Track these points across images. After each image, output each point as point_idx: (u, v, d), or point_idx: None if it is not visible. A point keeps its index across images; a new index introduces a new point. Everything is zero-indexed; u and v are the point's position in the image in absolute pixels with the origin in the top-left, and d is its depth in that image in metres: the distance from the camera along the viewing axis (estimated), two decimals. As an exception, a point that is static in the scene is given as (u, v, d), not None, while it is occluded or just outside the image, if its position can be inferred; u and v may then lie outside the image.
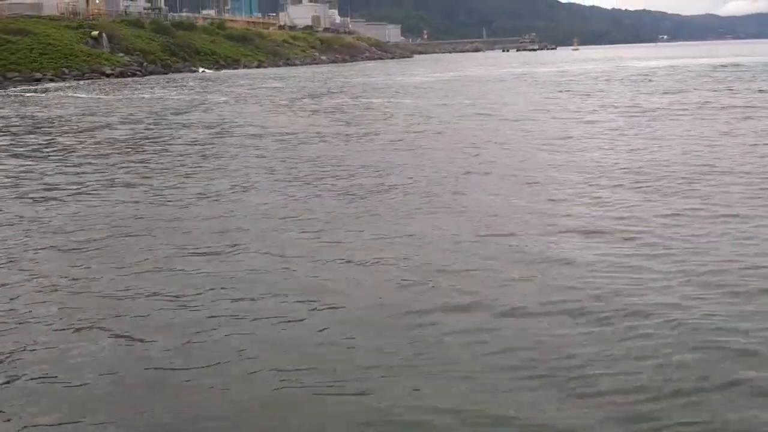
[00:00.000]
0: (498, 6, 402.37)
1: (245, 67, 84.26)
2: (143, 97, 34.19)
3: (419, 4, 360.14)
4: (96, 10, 78.73)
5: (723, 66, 45.80)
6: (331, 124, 19.86)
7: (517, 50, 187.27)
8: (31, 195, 10.49)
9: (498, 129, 17.03)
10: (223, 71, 74.64)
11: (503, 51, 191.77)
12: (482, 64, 79.87)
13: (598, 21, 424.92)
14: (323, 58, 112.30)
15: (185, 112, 24.56)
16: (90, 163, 13.56)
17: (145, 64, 67.46)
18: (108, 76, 58.42)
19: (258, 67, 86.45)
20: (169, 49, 75.41)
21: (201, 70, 73.31)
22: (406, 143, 14.83)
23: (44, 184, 11.49)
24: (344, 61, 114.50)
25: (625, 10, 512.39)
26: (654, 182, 9.83)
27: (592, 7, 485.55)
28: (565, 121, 18.29)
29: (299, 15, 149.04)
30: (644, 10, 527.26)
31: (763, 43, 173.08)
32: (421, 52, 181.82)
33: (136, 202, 9.84)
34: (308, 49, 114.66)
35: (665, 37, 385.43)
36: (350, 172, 11.57)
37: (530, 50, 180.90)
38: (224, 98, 32.21)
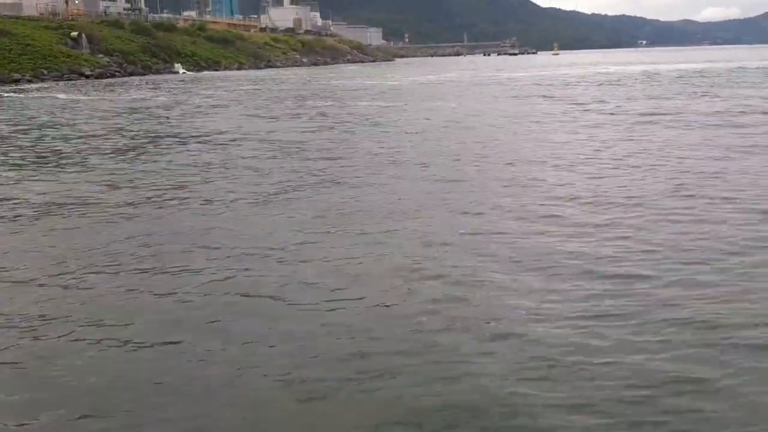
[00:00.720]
0: (479, 11, 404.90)
1: (226, 69, 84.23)
2: (121, 98, 34.22)
3: (401, 7, 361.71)
4: (75, 11, 78.41)
5: (697, 71, 46.73)
6: (306, 129, 20.09)
7: (498, 54, 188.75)
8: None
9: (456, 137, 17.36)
10: (204, 73, 74.58)
11: (484, 55, 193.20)
12: (463, 68, 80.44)
13: (578, 25, 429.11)
14: (304, 60, 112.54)
15: (158, 117, 24.64)
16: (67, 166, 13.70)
17: (125, 65, 67.28)
18: (87, 77, 58.23)
19: (239, 69, 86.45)
20: (150, 50, 75.23)
21: (181, 71, 73.21)
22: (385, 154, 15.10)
23: None
24: (326, 63, 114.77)
25: (605, 15, 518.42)
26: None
27: (573, 11, 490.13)
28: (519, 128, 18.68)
29: (280, 17, 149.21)
30: (624, 16, 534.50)
31: (737, 49, 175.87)
32: (402, 56, 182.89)
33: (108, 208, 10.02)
34: (289, 52, 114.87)
35: (644, 42, 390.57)
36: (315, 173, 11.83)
37: (511, 54, 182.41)
38: (199, 100, 32.36)
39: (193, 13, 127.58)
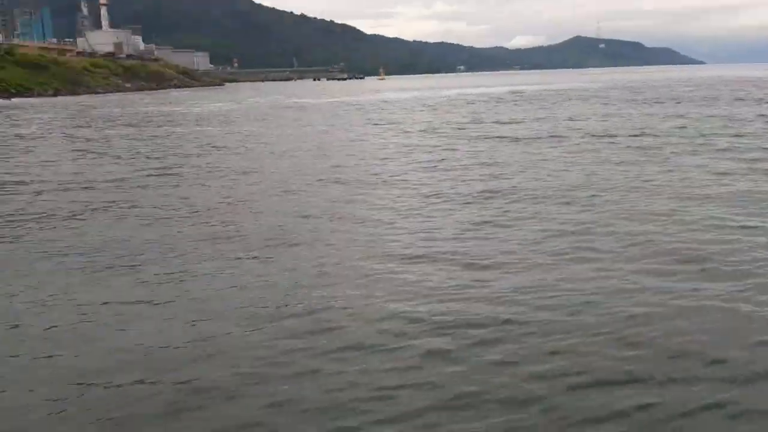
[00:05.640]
0: (308, 36, 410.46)
1: (39, 95, 79.16)
2: None
3: (228, 32, 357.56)
4: None
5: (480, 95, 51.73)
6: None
7: (328, 79, 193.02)
8: None
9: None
10: (15, 99, 69.67)
11: (314, 80, 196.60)
12: (282, 92, 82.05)
13: (401, 52, 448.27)
14: (128, 85, 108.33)
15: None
16: None
17: None
18: None
19: (55, 95, 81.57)
20: (-51, 76, 69.04)
21: (-13, 98, 67.89)
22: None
23: None
24: (151, 89, 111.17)
25: (426, 42, 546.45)
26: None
27: (395, 39, 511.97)
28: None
29: (100, 41, 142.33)
30: (443, 43, 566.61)
31: (539, 73, 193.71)
32: (234, 80, 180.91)
33: None
34: (111, 77, 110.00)
35: (463, 67, 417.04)
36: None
37: (340, 79, 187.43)
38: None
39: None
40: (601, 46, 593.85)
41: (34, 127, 32.13)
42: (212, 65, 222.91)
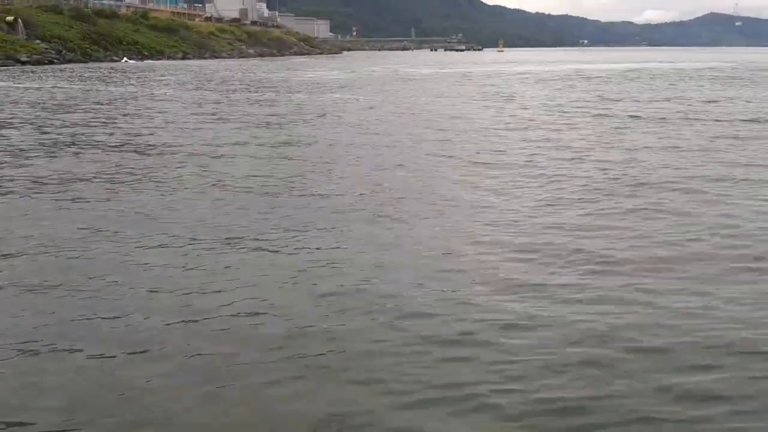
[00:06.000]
0: (427, 6, 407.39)
1: (170, 58, 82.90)
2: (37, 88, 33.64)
3: (348, 1, 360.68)
4: (11, -5, 75.87)
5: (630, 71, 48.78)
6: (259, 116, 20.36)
7: (445, 50, 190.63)
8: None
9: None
10: (147, 62, 73.29)
11: (431, 50, 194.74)
12: (399, 62, 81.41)
13: (522, 24, 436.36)
14: (250, 51, 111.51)
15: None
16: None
17: (63, 52, 65.55)
18: (24, 63, 56.59)
19: (183, 58, 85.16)
20: (90, 38, 73.45)
21: (123, 59, 71.77)
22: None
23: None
24: (272, 55, 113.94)
25: (549, 14, 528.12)
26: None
27: (517, 10, 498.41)
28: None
29: (226, 7, 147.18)
30: (567, 15, 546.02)
31: (669, 50, 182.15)
32: (349, 49, 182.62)
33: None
34: (235, 42, 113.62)
35: (586, 41, 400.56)
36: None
37: (457, 50, 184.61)
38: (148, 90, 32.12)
39: (135, 0, 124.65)
40: (738, 23, 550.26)
41: (166, 89, 33.25)
42: (332, 33, 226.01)
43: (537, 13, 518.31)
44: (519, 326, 5.10)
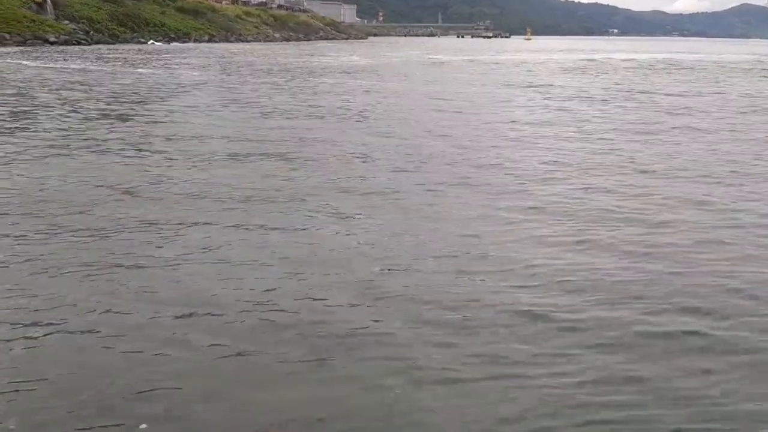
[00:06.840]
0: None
1: (196, 41, 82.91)
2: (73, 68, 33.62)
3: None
4: (41, -25, 76.14)
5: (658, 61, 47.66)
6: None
7: (472, 37, 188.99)
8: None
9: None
10: (173, 44, 73.32)
11: (458, 37, 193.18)
12: (425, 48, 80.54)
13: (551, 12, 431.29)
14: (276, 35, 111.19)
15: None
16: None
17: (91, 32, 65.76)
18: (52, 43, 56.86)
19: (209, 41, 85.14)
20: (117, 19, 73.63)
21: (150, 41, 71.88)
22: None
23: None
24: (298, 39, 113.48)
25: (578, 2, 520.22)
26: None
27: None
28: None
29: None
30: (596, 4, 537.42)
31: (701, 41, 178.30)
32: (375, 34, 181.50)
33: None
34: (261, 26, 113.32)
35: (616, 31, 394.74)
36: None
37: (485, 37, 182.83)
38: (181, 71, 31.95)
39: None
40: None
41: (196, 72, 32.99)
42: (358, 18, 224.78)
43: (566, 1, 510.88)
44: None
